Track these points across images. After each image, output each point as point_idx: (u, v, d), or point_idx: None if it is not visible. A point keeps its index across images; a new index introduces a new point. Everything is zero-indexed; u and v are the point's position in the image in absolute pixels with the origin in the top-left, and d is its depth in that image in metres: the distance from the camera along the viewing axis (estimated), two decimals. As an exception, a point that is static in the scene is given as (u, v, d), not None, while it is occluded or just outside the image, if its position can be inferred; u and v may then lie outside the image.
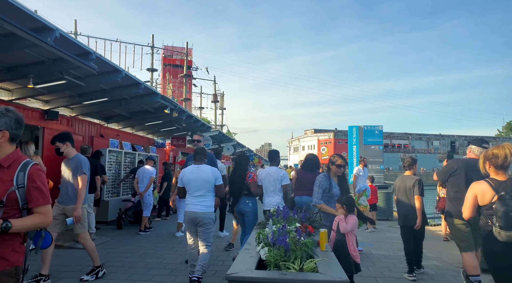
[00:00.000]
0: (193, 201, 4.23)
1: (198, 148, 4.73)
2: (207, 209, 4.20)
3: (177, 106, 11.04)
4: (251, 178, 5.27)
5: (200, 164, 4.43)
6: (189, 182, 4.30)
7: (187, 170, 4.40)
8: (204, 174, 4.29)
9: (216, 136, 19.40)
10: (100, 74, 7.26)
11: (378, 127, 12.78)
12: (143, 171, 8.54)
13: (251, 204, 5.20)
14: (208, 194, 4.26)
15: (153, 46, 38.52)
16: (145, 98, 9.43)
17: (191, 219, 4.23)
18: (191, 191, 4.29)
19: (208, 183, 4.26)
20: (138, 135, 14.06)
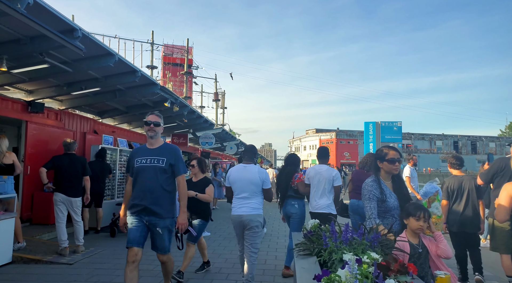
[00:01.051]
0: (239, 203, 3.95)
1: (247, 147, 4.36)
2: (254, 211, 3.88)
3: (178, 99, 10.03)
4: (298, 178, 4.85)
5: (248, 164, 4.09)
6: (235, 182, 4.02)
7: (234, 169, 4.13)
8: (250, 175, 3.95)
9: (219, 134, 18.37)
10: (90, 58, 6.25)
11: (396, 123, 11.77)
12: None
13: (297, 206, 4.81)
14: (254, 197, 3.94)
15: (153, 42, 37.51)
16: (143, 89, 8.42)
17: (237, 222, 3.95)
18: (236, 192, 4.01)
19: (255, 185, 3.93)
20: (136, 132, 13.04)
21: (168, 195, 3.44)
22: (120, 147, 9.16)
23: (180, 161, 3.52)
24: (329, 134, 78.57)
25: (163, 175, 3.40)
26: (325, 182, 4.62)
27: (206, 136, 15.60)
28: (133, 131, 12.70)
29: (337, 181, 4.66)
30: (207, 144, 15.51)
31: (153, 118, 3.60)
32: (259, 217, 3.89)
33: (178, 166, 3.48)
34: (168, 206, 3.43)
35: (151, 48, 37.44)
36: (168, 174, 3.44)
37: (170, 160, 3.44)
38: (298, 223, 4.72)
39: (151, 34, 37.32)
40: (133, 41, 37.06)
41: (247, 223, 3.83)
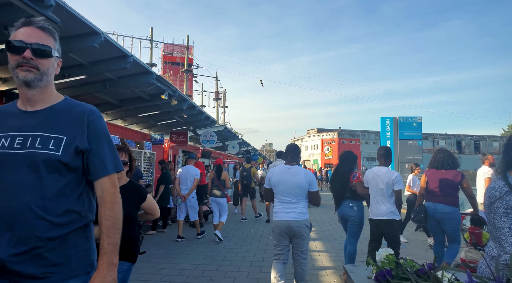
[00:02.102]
0: (284, 209, 3.66)
1: (290, 146, 4.01)
2: (302, 216, 3.62)
3: (176, 92, 9.02)
4: (356, 178, 4.57)
5: (292, 165, 3.81)
6: (278, 185, 3.74)
7: (276, 171, 3.83)
8: (296, 177, 3.68)
9: (220, 133, 17.36)
10: (70, 37, 5.25)
11: (416, 118, 10.77)
12: (187, 170, 7.40)
13: (356, 208, 4.56)
14: (300, 201, 3.66)
15: (152, 39, 36.53)
16: (136, 78, 7.41)
17: (283, 230, 3.63)
18: (279, 196, 3.72)
19: (300, 188, 3.66)
20: (131, 130, 12.03)
21: (71, 226, 1.44)
22: (112, 144, 8.18)
23: (105, 143, 1.62)
24: (331, 134, 77.59)
25: (56, 178, 1.42)
26: (384, 185, 4.26)
27: (207, 134, 14.60)
28: (128, 128, 11.70)
29: (398, 184, 4.23)
30: (209, 143, 14.51)
31: (30, 33, 1.49)
32: (306, 222, 3.67)
33: (101, 154, 1.54)
34: (73, 252, 1.43)
35: (150, 45, 36.45)
36: (72, 175, 1.47)
37: (77, 140, 1.49)
38: (356, 227, 4.56)
39: (150, 30, 36.34)
40: (131, 38, 36.04)
41: (297, 230, 3.56)
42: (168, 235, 7.59)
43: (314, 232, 8.16)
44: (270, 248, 6.31)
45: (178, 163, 16.23)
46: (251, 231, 8.16)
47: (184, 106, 10.17)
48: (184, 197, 7.09)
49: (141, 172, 8.16)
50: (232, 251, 6.31)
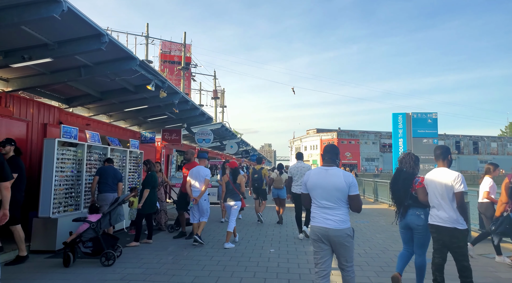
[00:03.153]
0: (322, 214, 3.35)
1: (328, 146, 3.68)
2: (342, 225, 3.27)
3: (165, 82, 7.98)
4: (418, 183, 4.16)
5: (330, 166, 3.48)
6: (315, 189, 3.42)
7: (313, 173, 3.53)
8: (334, 179, 3.34)
9: (218, 131, 16.34)
10: (21, 5, 4.21)
11: (431, 114, 9.76)
12: (197, 171, 6.81)
13: (424, 217, 4.13)
14: (340, 206, 3.33)
15: (148, 35, 35.53)
16: (116, 64, 6.37)
17: (320, 237, 3.32)
18: (317, 201, 3.41)
19: (340, 191, 3.31)
20: (117, 127, 10.98)
21: None
22: (90, 142, 7.11)
23: None
24: (330, 134, 76.85)
25: None
26: (443, 189, 3.80)
27: (203, 132, 13.55)
28: (114, 125, 10.65)
29: (459, 185, 3.71)
30: (204, 142, 13.46)
31: None
32: (348, 231, 3.31)
33: None
34: None
35: (146, 41, 35.45)
36: None
37: None
38: (424, 237, 4.15)
39: (146, 26, 35.35)
40: (126, 34, 35.02)
41: (337, 240, 3.29)
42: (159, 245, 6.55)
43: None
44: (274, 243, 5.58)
45: (171, 163, 15.17)
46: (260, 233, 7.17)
47: (175, 99, 9.14)
48: (195, 199, 6.59)
49: (120, 174, 7.08)
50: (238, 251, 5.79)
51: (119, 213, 5.51)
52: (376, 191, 16.60)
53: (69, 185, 6.45)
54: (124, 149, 8.50)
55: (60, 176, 6.19)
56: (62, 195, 6.22)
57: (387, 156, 77.31)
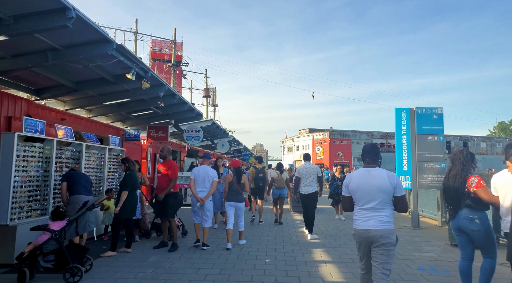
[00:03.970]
0: (364, 216, 3.23)
1: (368, 146, 3.47)
2: (385, 225, 3.15)
3: (148, 72, 7.16)
4: (476, 183, 3.75)
5: (372, 167, 3.33)
6: (357, 190, 3.28)
7: (355, 175, 3.38)
8: (378, 180, 3.20)
9: (208, 128, 15.50)
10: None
11: (437, 109, 9.11)
12: (205, 171, 6.55)
13: (479, 221, 3.74)
14: (384, 208, 3.19)
15: (137, 31, 34.41)
16: (88, 48, 5.54)
17: (363, 238, 3.21)
18: (360, 202, 3.28)
19: (384, 192, 3.17)
20: (99, 123, 10.09)
21: None
22: (61, 137, 6.26)
23: None
24: (322, 134, 76.39)
25: None
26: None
27: (192, 129, 12.72)
28: (94, 121, 9.76)
29: None
30: (194, 139, 12.64)
31: None
32: (391, 233, 3.14)
33: None
34: None
35: (135, 37, 34.32)
36: None
37: None
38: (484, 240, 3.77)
39: (135, 22, 34.22)
40: (114, 29, 33.78)
41: (376, 239, 3.12)
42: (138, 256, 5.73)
43: (323, 251, 6.39)
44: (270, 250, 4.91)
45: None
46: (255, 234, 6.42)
47: (160, 92, 8.30)
48: (202, 200, 6.33)
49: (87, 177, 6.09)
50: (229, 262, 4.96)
51: (88, 220, 4.68)
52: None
53: (34, 186, 5.60)
54: (102, 147, 7.66)
55: (22, 176, 5.33)
56: (24, 198, 5.36)
57: (379, 156, 77.10)
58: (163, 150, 6.63)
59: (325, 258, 5.78)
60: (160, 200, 6.26)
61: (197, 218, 6.58)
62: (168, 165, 6.43)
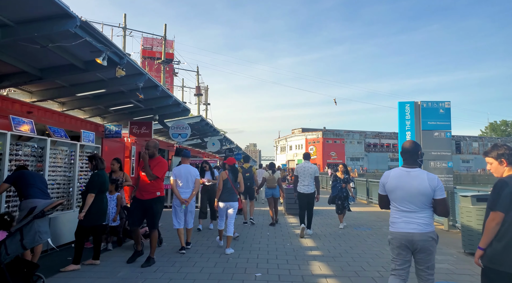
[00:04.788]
0: (404, 218, 3.09)
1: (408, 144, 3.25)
2: (427, 228, 3.03)
3: (124, 57, 6.30)
4: None
5: (412, 168, 3.17)
6: (395, 191, 3.17)
7: (393, 174, 3.23)
8: (417, 182, 3.06)
9: (196, 125, 14.63)
10: None
11: (444, 103, 8.39)
12: (187, 170, 6.23)
13: None
14: (424, 210, 3.05)
15: (126, 27, 33.30)
16: (46, 24, 4.67)
17: (403, 242, 3.08)
18: (398, 204, 3.16)
19: (424, 195, 3.04)
20: (74, 117, 9.20)
21: None
22: (15, 131, 5.36)
23: None
24: (315, 133, 75.99)
25: None
26: None
27: (178, 126, 11.86)
28: (68, 115, 8.87)
29: None
30: (180, 137, 11.78)
31: None
32: (433, 234, 3.05)
33: None
34: None
35: (123, 33, 33.18)
36: None
37: None
38: None
39: (124, 17, 33.13)
40: (101, 24, 32.66)
41: (421, 244, 3.00)
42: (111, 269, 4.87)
43: (322, 261, 5.59)
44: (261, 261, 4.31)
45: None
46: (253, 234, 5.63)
47: (139, 82, 7.44)
48: (187, 201, 6.04)
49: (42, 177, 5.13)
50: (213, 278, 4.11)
51: (38, 230, 3.81)
52: (369, 191, 15.29)
53: None
54: (73, 143, 6.77)
55: (-37, 176, 4.44)
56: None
57: (371, 155, 77.19)
58: (149, 147, 5.35)
59: (325, 271, 4.99)
60: (143, 206, 5.21)
61: (179, 222, 6.06)
62: (156, 162, 5.34)
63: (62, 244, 6.14)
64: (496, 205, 2.60)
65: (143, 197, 5.24)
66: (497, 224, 2.57)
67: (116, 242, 6.46)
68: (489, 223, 2.62)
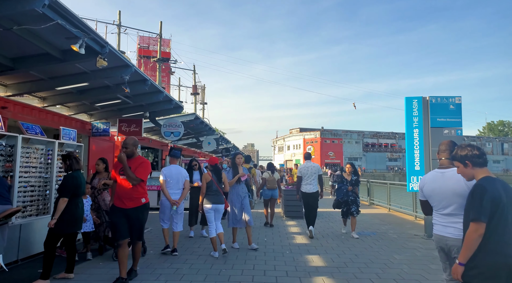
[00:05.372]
0: (442, 221, 2.96)
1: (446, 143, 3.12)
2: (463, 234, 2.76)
3: (106, 46, 5.68)
4: None
5: (446, 168, 3.00)
6: (432, 196, 3.03)
7: (428, 178, 3.10)
8: (452, 182, 2.87)
9: (191, 124, 13.99)
10: None
11: (454, 98, 7.82)
12: (178, 171, 6.09)
13: None
14: (462, 213, 2.78)
15: (120, 24, 32.60)
16: (7, 3, 4.04)
17: (440, 245, 2.98)
18: (436, 207, 3.00)
19: (460, 196, 2.84)
20: (58, 114, 8.57)
21: None
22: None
23: None
24: (313, 133, 75.51)
25: None
26: None
27: (171, 123, 11.23)
28: (50, 112, 8.23)
29: None
30: (173, 135, 11.16)
31: None
32: None
33: None
34: None
35: (118, 30, 32.52)
36: None
37: None
38: None
39: (118, 14, 32.46)
40: (95, 21, 31.97)
41: (455, 250, 2.80)
42: None
43: (325, 273, 5.00)
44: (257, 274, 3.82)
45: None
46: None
47: (125, 75, 6.82)
48: (178, 202, 5.87)
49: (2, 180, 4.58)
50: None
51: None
52: (370, 192, 14.72)
53: None
54: (50, 141, 6.14)
55: None
56: None
57: (370, 155, 76.84)
58: (127, 145, 4.50)
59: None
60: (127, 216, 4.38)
61: (166, 223, 5.96)
62: (138, 162, 4.47)
63: (36, 254, 5.51)
64: (478, 214, 2.35)
65: (126, 205, 4.35)
66: (479, 236, 2.34)
67: (97, 250, 5.84)
68: (470, 234, 2.37)
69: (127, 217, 4.42)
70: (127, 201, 4.37)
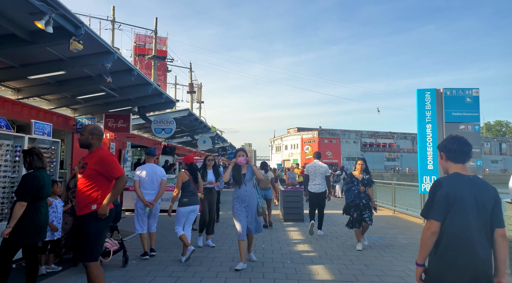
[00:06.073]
0: None
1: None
2: None
3: (81, 27, 4.93)
4: None
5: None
6: None
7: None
8: None
9: (185, 120, 13.22)
10: None
11: (471, 90, 7.14)
12: (153, 170, 5.75)
13: None
14: None
15: (114, 20, 31.73)
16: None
17: None
18: None
19: None
20: (36, 108, 7.80)
21: None
22: None
23: None
24: (311, 133, 74.90)
25: None
26: None
27: (162, 119, 10.49)
28: (26, 105, 7.47)
29: None
30: (164, 132, 10.42)
31: None
32: None
33: None
34: None
35: (112, 26, 31.64)
36: None
37: None
38: None
39: (112, 10, 31.60)
40: (89, 17, 31.06)
41: None
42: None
43: (331, 282, 4.29)
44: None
45: (125, 161, 12.01)
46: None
47: (107, 62, 6.06)
48: (152, 204, 5.61)
49: None
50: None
51: None
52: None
53: None
54: (17, 135, 5.39)
55: None
56: None
57: (368, 155, 76.38)
58: (83, 132, 3.56)
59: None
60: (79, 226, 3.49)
61: (142, 227, 5.65)
62: (96, 158, 3.46)
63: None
64: (429, 211, 2.21)
65: (78, 211, 3.47)
66: (432, 233, 2.18)
67: (71, 261, 5.09)
68: (424, 232, 2.23)
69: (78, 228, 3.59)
70: (78, 206, 3.45)
